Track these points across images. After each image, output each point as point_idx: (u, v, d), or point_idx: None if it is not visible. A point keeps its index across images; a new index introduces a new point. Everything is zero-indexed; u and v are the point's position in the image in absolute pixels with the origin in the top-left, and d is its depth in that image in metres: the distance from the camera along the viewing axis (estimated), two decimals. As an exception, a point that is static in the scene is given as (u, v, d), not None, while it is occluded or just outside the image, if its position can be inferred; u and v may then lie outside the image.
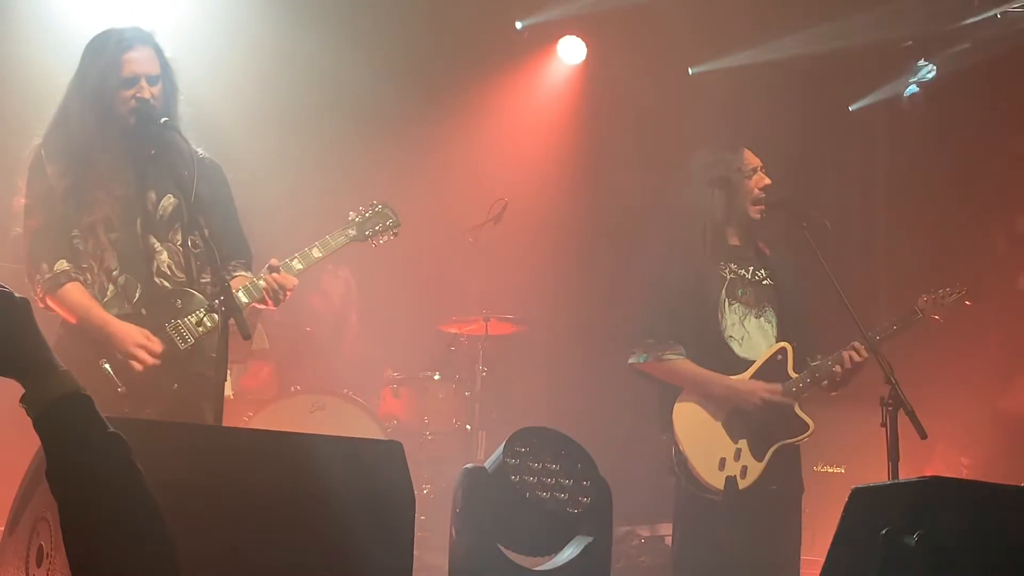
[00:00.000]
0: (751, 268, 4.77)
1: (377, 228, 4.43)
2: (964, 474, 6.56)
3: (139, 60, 3.99)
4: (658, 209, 7.69)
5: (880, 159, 8.52)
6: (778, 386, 4.58)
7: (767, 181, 4.80)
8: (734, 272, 4.73)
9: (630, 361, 4.69)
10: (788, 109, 8.09)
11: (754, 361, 4.63)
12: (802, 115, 8.20)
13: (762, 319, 4.73)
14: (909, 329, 4.75)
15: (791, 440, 4.60)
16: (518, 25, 8.05)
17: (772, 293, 4.76)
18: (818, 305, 4.95)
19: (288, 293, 4.07)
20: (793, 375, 4.62)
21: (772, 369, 4.63)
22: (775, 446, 4.55)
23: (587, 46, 8.13)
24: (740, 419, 4.57)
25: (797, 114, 8.17)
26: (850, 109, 8.33)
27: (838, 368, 4.59)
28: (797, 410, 4.60)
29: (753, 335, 4.70)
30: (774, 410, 4.55)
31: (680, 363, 4.61)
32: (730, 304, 4.69)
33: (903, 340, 4.85)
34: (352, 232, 4.36)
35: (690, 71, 8.26)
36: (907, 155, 8.20)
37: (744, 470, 4.51)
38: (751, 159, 4.85)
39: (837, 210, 8.37)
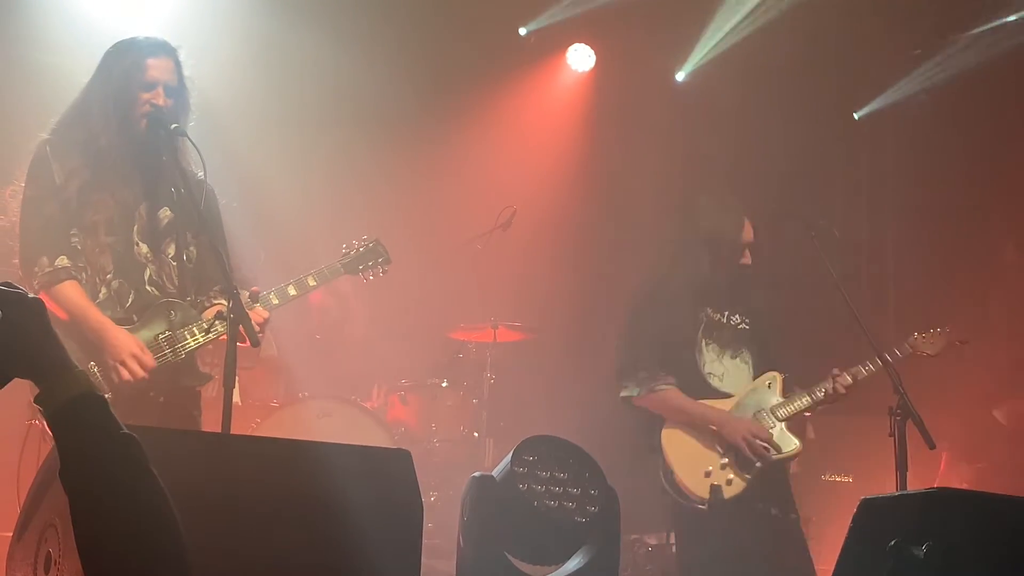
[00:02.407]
0: (726, 313, 4.96)
1: (369, 264, 4.60)
2: (969, 482, 6.57)
3: (161, 68, 4.03)
4: (665, 217, 7.69)
5: (888, 168, 8.51)
6: (763, 427, 4.73)
7: (748, 262, 4.95)
8: (710, 316, 4.93)
9: (622, 395, 4.86)
10: (797, 118, 8.09)
11: (733, 395, 4.84)
12: (811, 124, 8.20)
13: (738, 359, 4.96)
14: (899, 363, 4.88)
15: (777, 456, 4.73)
16: (522, 31, 8.05)
17: (748, 336, 4.98)
18: (828, 317, 4.98)
19: (261, 334, 4.04)
20: (780, 399, 4.84)
21: (761, 396, 4.86)
22: (760, 464, 4.69)
23: (596, 54, 8.15)
24: (724, 447, 4.73)
25: (806, 123, 8.17)
26: (855, 117, 8.33)
27: (820, 395, 4.80)
28: (784, 430, 4.77)
29: (731, 372, 4.92)
30: (756, 439, 4.69)
31: (671, 393, 4.78)
32: (707, 344, 4.91)
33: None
34: (344, 265, 4.51)
35: (678, 77, 8.26)
36: (915, 164, 8.19)
37: (729, 481, 4.65)
38: (748, 234, 4.97)
39: (845, 219, 8.37)
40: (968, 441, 6.25)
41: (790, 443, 4.75)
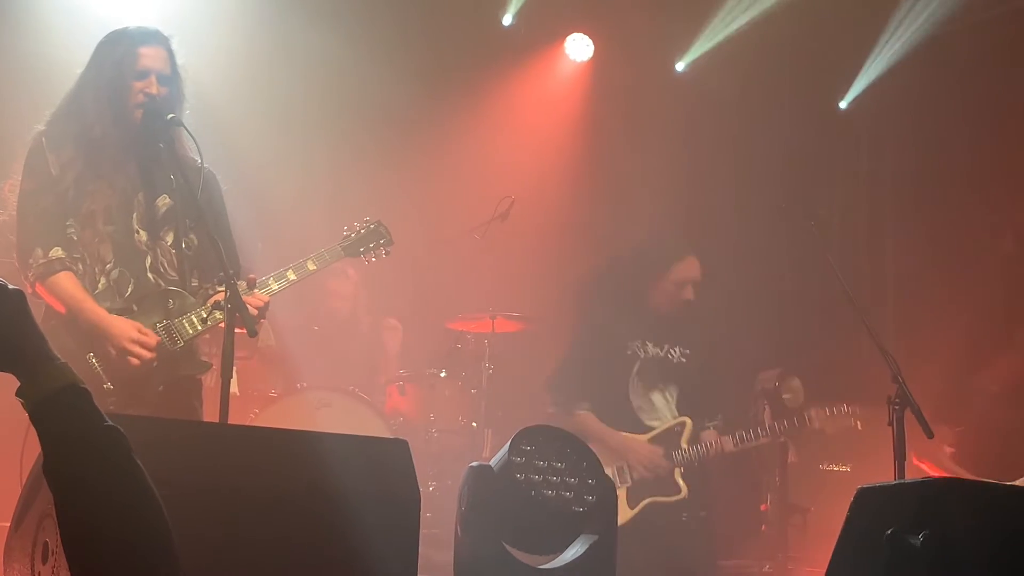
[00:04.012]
0: (665, 345, 5.50)
1: (371, 245, 4.55)
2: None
3: (153, 56, 4.02)
4: (662, 210, 7.69)
5: (886, 158, 8.50)
6: (661, 451, 5.32)
7: (691, 297, 5.44)
8: (647, 349, 5.46)
9: (548, 410, 5.49)
10: (795, 108, 8.08)
11: (654, 427, 5.38)
12: (812, 115, 8.19)
13: (666, 393, 5.48)
14: (796, 434, 5.48)
15: (662, 499, 5.29)
16: (506, 21, 8.00)
17: (680, 371, 5.49)
18: (825, 312, 4.99)
19: (261, 320, 4.01)
20: (684, 446, 5.35)
21: (668, 438, 5.36)
22: (646, 500, 5.26)
23: (595, 43, 8.13)
24: (627, 472, 5.32)
25: (805, 112, 8.16)
26: (841, 106, 8.30)
27: (702, 451, 5.33)
28: (676, 475, 5.32)
29: (657, 405, 5.46)
30: (653, 470, 5.28)
31: (585, 417, 5.37)
32: (638, 378, 5.44)
33: (910, 343, 4.89)
34: (344, 248, 4.45)
35: (678, 67, 8.24)
36: (913, 153, 8.18)
37: None
38: (694, 271, 5.49)
39: (843, 209, 8.37)
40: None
41: (675, 491, 5.29)
